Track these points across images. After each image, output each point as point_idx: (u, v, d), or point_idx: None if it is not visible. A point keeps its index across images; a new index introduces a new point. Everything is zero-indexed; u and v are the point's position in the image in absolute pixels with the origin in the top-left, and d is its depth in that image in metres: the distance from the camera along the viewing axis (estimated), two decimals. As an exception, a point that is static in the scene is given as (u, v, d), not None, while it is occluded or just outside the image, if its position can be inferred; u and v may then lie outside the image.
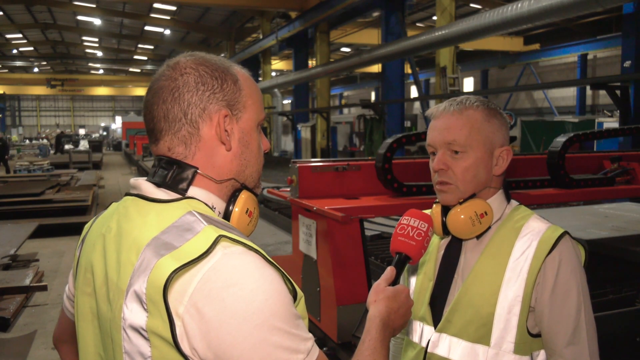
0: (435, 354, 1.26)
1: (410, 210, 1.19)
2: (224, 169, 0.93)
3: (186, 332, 0.75)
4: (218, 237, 0.79)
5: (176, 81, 0.91)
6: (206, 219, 0.83)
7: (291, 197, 3.15)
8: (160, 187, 0.90)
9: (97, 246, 0.92)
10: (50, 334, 4.48)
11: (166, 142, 0.91)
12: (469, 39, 9.52)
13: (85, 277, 0.93)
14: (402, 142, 3.15)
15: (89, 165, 18.39)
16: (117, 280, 0.83)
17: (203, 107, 0.90)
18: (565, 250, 1.17)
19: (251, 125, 0.96)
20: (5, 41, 32.05)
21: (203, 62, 0.93)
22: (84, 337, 0.93)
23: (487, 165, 1.25)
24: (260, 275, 0.78)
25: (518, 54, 23.44)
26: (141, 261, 0.80)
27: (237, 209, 0.93)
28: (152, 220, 0.85)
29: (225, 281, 0.76)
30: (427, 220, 1.17)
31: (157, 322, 0.77)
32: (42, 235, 7.91)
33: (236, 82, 0.94)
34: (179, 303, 0.75)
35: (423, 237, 1.14)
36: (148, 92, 0.94)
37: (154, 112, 0.92)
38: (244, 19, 24.22)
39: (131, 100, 60.44)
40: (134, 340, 0.79)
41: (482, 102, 1.27)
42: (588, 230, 4.69)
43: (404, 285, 1.09)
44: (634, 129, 4.11)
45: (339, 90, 38.28)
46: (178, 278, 0.76)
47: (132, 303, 0.79)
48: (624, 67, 10.33)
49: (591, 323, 1.18)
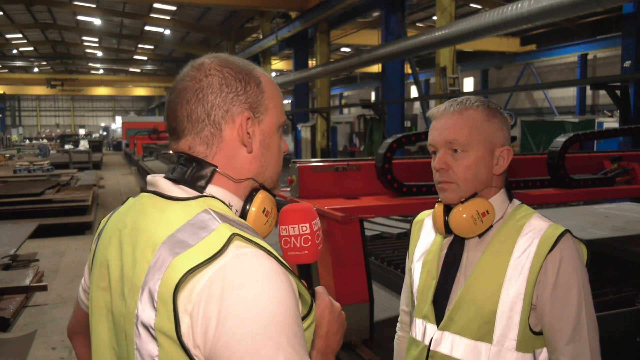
0: (438, 351, 1.27)
1: (282, 214, 0.98)
2: (243, 169, 0.93)
3: (192, 328, 0.76)
4: (231, 236, 0.79)
5: (200, 82, 0.91)
6: (221, 217, 0.83)
7: (291, 197, 3.15)
8: (178, 183, 0.90)
9: (113, 241, 0.92)
10: (50, 334, 4.48)
11: (187, 140, 0.92)
12: (469, 39, 9.51)
13: (100, 271, 0.94)
14: (402, 142, 3.16)
15: (89, 165, 18.36)
16: (133, 277, 0.84)
17: (226, 109, 0.91)
18: (566, 248, 1.18)
19: (272, 128, 0.96)
20: (5, 41, 32.03)
21: (227, 64, 0.94)
22: (97, 330, 0.93)
23: (487, 165, 1.26)
24: (267, 281, 0.77)
25: (518, 54, 23.45)
26: (157, 259, 0.81)
27: (253, 208, 0.93)
28: (168, 218, 0.85)
29: (231, 282, 0.75)
30: (305, 215, 0.96)
31: (163, 321, 0.77)
32: (42, 235, 7.91)
33: (259, 84, 0.95)
34: (187, 300, 0.76)
35: (311, 239, 0.96)
36: (172, 91, 0.95)
37: (177, 111, 0.92)
38: (244, 19, 24.20)
39: (131, 100, 60.46)
40: (144, 337, 0.80)
41: (482, 102, 1.28)
42: (588, 230, 4.70)
43: (325, 299, 0.96)
44: (634, 129, 4.11)
45: (339, 90, 38.27)
46: (191, 278, 0.76)
47: (145, 301, 0.80)
48: (624, 67, 10.32)
49: (592, 321, 1.19)
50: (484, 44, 21.54)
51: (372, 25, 20.25)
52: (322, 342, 0.93)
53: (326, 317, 0.94)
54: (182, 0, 18.37)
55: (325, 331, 0.94)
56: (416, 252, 1.42)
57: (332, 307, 0.96)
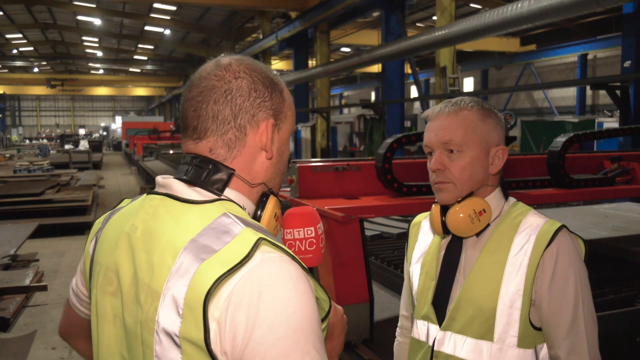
0: (442, 352, 1.28)
1: (286, 217, 0.99)
2: (259, 175, 0.94)
3: (219, 335, 0.75)
4: (258, 240, 0.79)
5: (230, 84, 0.91)
6: (242, 221, 0.83)
7: (291, 197, 3.15)
8: (193, 185, 0.89)
9: (120, 245, 0.90)
10: (50, 334, 4.48)
11: (210, 142, 0.91)
12: (469, 39, 9.51)
13: (106, 275, 0.92)
14: (402, 142, 3.16)
15: (89, 165, 18.36)
16: (150, 282, 0.82)
17: (253, 114, 0.91)
18: (562, 243, 1.19)
19: (288, 136, 0.98)
20: (5, 41, 32.02)
21: (254, 68, 0.94)
22: (103, 336, 0.92)
23: (483, 164, 1.27)
24: (293, 286, 0.77)
25: (518, 54, 23.45)
26: (179, 265, 0.79)
27: (266, 213, 0.94)
28: (186, 222, 0.84)
29: (259, 288, 0.75)
30: (310, 219, 0.99)
31: (190, 329, 0.76)
32: (42, 235, 7.91)
33: (282, 92, 0.96)
34: (215, 307, 0.76)
35: (316, 242, 0.98)
36: (192, 88, 0.92)
37: (201, 110, 0.91)
38: (244, 19, 24.20)
39: (131, 100, 60.47)
40: (165, 344, 0.79)
41: (476, 103, 1.29)
42: (588, 230, 4.69)
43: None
44: (634, 129, 4.11)
45: (339, 90, 38.26)
46: (222, 285, 0.76)
47: (168, 307, 0.79)
48: (624, 67, 10.32)
49: (591, 315, 1.19)
50: (484, 44, 21.54)
51: (372, 25, 20.25)
52: (328, 345, 0.93)
53: (330, 320, 0.95)
54: (182, 0, 18.36)
55: (330, 334, 0.95)
56: (414, 254, 1.43)
57: (336, 310, 0.97)
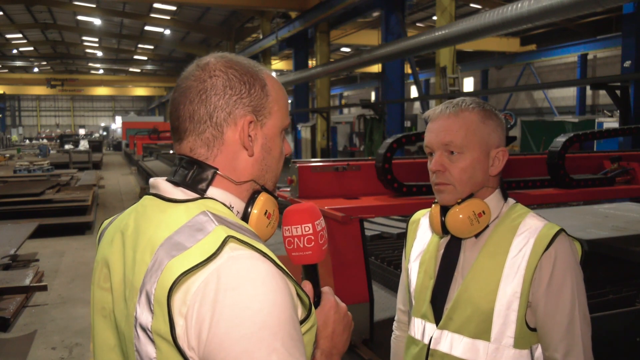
0: (437, 350, 1.29)
1: (285, 214, 0.97)
2: (244, 172, 0.93)
3: (186, 330, 0.76)
4: (226, 238, 0.79)
5: (204, 83, 0.91)
6: (218, 219, 0.83)
7: (291, 197, 3.15)
8: (179, 186, 0.90)
9: (115, 243, 0.93)
10: (50, 334, 4.48)
11: (189, 142, 0.92)
12: (469, 39, 9.51)
13: (101, 272, 0.94)
14: (402, 142, 3.16)
15: (89, 165, 18.36)
16: (133, 279, 0.84)
17: (229, 112, 0.90)
18: (561, 247, 1.20)
19: (275, 132, 0.96)
20: (5, 41, 32.02)
21: (233, 64, 0.93)
22: (99, 331, 0.95)
23: (483, 166, 1.27)
24: (261, 284, 0.76)
25: (518, 54, 23.45)
26: (154, 261, 0.81)
27: (255, 210, 0.93)
28: (166, 220, 0.85)
29: (225, 284, 0.75)
30: (307, 215, 0.96)
31: (159, 324, 0.77)
32: (42, 235, 7.91)
33: (264, 87, 0.94)
34: (182, 303, 0.76)
35: (315, 239, 0.95)
36: (175, 90, 0.95)
37: (180, 111, 0.92)
38: (244, 19, 24.20)
39: (131, 100, 60.46)
40: (142, 340, 0.80)
41: (477, 104, 1.29)
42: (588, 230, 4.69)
43: (331, 299, 0.97)
44: (634, 129, 4.11)
45: (339, 90, 38.26)
46: (186, 280, 0.76)
47: (142, 303, 0.80)
48: (624, 67, 10.32)
49: (585, 318, 1.21)
50: (484, 44, 21.54)
51: (372, 25, 20.25)
52: (328, 343, 0.92)
53: (332, 318, 0.94)
54: (182, 0, 18.37)
55: (331, 332, 0.93)
56: (413, 251, 1.44)
57: (338, 307, 0.96)
